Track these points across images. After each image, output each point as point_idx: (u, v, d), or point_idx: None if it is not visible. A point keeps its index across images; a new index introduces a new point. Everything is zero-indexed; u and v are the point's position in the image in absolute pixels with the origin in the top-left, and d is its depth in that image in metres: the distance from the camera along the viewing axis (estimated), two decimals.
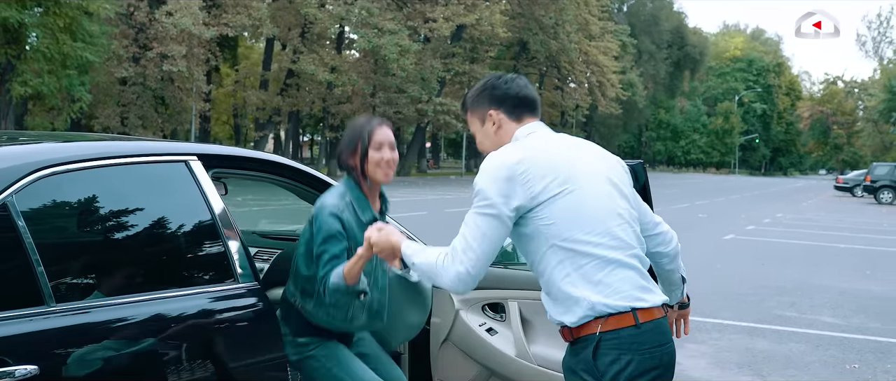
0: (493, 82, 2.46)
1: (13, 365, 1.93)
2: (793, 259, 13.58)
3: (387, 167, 2.82)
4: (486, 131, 2.46)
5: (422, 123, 47.21)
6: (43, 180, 2.15)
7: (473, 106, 2.50)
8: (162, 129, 38.66)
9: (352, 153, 2.83)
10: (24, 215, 2.07)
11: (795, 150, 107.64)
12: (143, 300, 2.30)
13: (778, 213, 26.58)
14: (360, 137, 2.83)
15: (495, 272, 3.43)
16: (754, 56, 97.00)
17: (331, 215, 2.69)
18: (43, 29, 28.07)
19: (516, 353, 3.26)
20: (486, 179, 2.23)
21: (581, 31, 55.10)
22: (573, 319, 2.21)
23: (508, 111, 2.41)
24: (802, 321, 8.13)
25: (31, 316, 2.03)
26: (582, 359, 2.20)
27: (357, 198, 2.79)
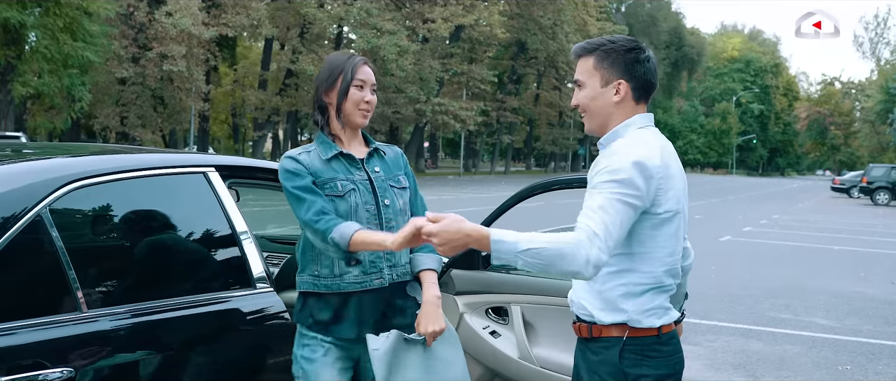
0: (637, 55, 2.27)
1: (50, 368, 2.05)
2: (788, 261, 13.72)
3: (366, 109, 2.62)
4: (603, 95, 2.29)
5: (420, 123, 47.34)
6: (74, 193, 2.28)
7: (605, 64, 2.28)
8: (161, 128, 38.77)
9: (329, 88, 2.61)
10: (56, 225, 2.19)
11: (793, 150, 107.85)
12: (167, 306, 2.43)
13: (774, 214, 26.72)
14: (343, 70, 2.60)
15: (498, 277, 3.56)
16: (752, 57, 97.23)
17: (286, 158, 2.55)
18: (43, 29, 28.14)
19: (519, 355, 3.39)
20: (637, 170, 2.12)
21: (579, 32, 55.22)
22: (607, 320, 2.25)
23: (636, 89, 2.28)
24: (797, 323, 8.27)
25: (65, 321, 2.16)
26: (605, 361, 2.24)
27: (321, 142, 2.61)
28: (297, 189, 2.48)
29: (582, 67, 2.32)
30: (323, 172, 2.53)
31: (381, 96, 42.77)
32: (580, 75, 2.33)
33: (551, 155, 74.41)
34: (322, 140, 2.61)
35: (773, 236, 18.59)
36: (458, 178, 48.07)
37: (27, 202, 2.15)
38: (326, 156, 2.56)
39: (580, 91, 2.33)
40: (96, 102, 35.20)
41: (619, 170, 2.12)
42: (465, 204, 23.62)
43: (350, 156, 2.61)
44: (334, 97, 2.59)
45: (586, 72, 2.30)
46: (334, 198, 2.51)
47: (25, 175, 2.26)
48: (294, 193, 2.49)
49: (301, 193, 2.48)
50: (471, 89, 51.05)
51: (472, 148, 62.69)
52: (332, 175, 2.53)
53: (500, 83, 58.27)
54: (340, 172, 2.56)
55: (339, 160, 2.58)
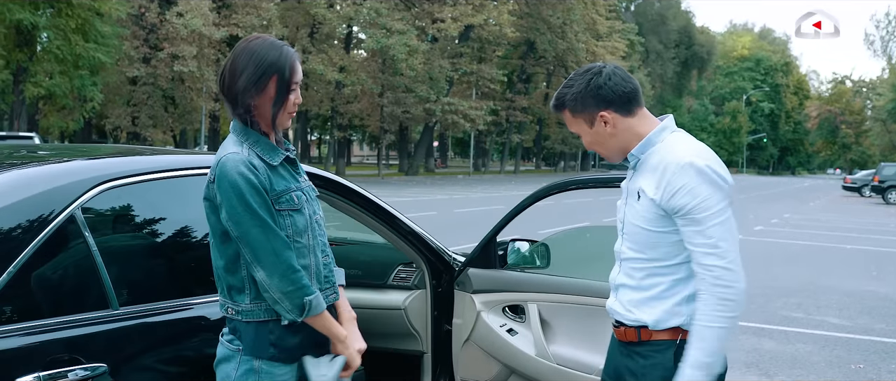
0: (596, 81, 2.30)
1: (85, 363, 2.12)
2: (800, 260, 13.71)
3: (295, 111, 2.28)
4: (597, 133, 2.34)
5: (430, 123, 47.41)
6: (105, 193, 2.34)
7: (577, 109, 2.34)
8: (172, 128, 38.96)
9: (258, 91, 2.17)
10: (89, 224, 2.25)
11: (803, 149, 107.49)
12: (195, 303, 2.48)
13: (785, 213, 26.67)
14: (277, 71, 2.18)
15: (514, 276, 3.61)
16: (762, 55, 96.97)
17: (242, 163, 2.11)
18: (55, 30, 28.33)
19: (536, 352, 3.43)
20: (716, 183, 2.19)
21: (588, 31, 55.25)
22: (662, 326, 2.28)
23: (620, 109, 2.31)
24: (809, 322, 8.28)
25: (99, 318, 2.23)
26: (658, 364, 2.27)
27: (256, 141, 2.19)
28: (264, 211, 2.11)
29: (566, 120, 2.40)
30: (276, 183, 2.17)
31: (390, 96, 43.01)
32: (570, 128, 2.40)
33: (561, 154, 74.37)
34: (257, 139, 2.19)
35: (785, 235, 18.57)
36: (468, 177, 48.11)
37: (61, 203, 2.21)
38: (274, 161, 2.19)
39: (583, 140, 2.40)
40: (108, 102, 35.42)
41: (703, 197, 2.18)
42: (475, 204, 23.67)
43: (294, 161, 2.30)
44: (267, 105, 2.19)
45: (573, 123, 2.38)
46: (292, 213, 2.18)
47: (58, 176, 2.32)
48: (262, 216, 2.09)
49: (268, 217, 2.11)
50: (480, 89, 51.09)
51: (481, 147, 62.70)
52: (285, 186, 2.19)
53: (509, 83, 58.28)
54: (290, 180, 2.24)
55: (283, 166, 2.24)
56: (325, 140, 65.32)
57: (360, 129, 62.53)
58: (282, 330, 2.18)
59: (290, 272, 2.12)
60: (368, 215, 3.38)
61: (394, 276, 3.99)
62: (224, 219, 2.12)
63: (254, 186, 2.10)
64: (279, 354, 2.18)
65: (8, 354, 2.03)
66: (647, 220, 2.27)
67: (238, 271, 2.17)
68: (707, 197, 2.17)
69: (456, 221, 17.04)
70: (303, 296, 2.13)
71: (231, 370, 2.20)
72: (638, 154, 2.33)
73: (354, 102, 45.50)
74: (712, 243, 2.17)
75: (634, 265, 2.34)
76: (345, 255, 4.15)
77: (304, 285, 2.14)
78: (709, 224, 2.17)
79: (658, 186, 2.23)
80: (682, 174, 2.18)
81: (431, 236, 3.66)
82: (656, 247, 2.28)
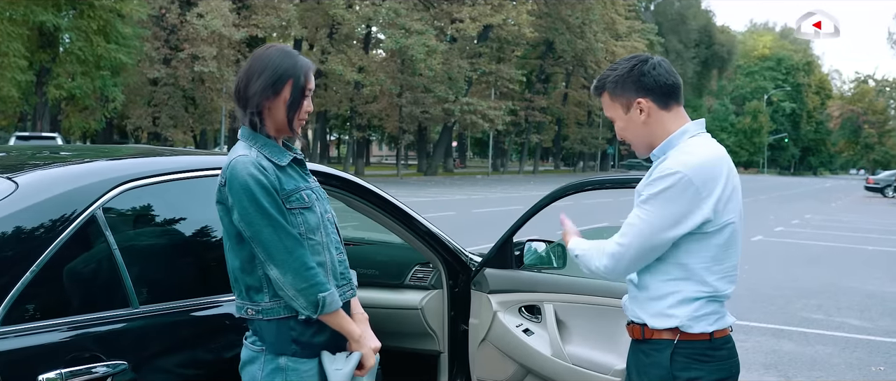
0: (640, 68, 2.33)
1: (106, 360, 2.15)
2: (821, 261, 13.61)
3: (306, 119, 2.34)
4: (631, 120, 2.35)
5: (448, 123, 47.43)
6: (125, 193, 2.37)
7: (616, 92, 2.35)
8: (192, 128, 39.23)
9: (272, 95, 2.24)
10: (110, 224, 2.29)
11: (825, 149, 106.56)
12: (216, 302, 2.51)
13: (807, 214, 26.47)
14: (293, 76, 2.25)
15: (531, 276, 3.62)
16: (783, 55, 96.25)
17: (252, 165, 2.16)
18: (77, 31, 28.62)
19: (552, 352, 3.44)
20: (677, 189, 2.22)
21: (607, 31, 55.06)
22: (656, 324, 2.31)
23: (658, 99, 2.32)
24: (829, 324, 8.22)
25: (120, 316, 2.26)
26: (656, 363, 2.30)
27: (264, 144, 2.24)
28: (275, 210, 2.15)
29: (603, 104, 2.41)
30: (285, 182, 2.22)
31: (409, 96, 43.06)
32: (606, 112, 2.42)
33: (580, 154, 74.16)
34: (265, 142, 2.24)
35: (806, 235, 18.43)
36: (487, 177, 48.10)
37: (82, 203, 2.24)
38: (282, 162, 2.24)
39: (616, 125, 2.41)
40: (129, 102, 35.75)
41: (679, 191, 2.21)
42: (494, 204, 23.66)
43: (301, 161, 2.33)
44: (280, 108, 2.25)
45: (608, 107, 2.39)
46: (303, 210, 2.23)
47: (80, 177, 2.36)
48: (274, 216, 2.14)
49: (279, 216, 2.15)
50: (499, 89, 51.05)
51: (500, 147, 62.65)
52: (294, 185, 2.24)
53: (528, 82, 58.19)
54: (299, 179, 2.28)
55: (292, 167, 2.28)
56: (343, 140, 65.52)
57: (379, 129, 62.68)
58: (302, 326, 2.22)
59: (303, 269, 2.15)
60: (385, 215, 3.40)
61: (411, 276, 4.01)
62: (236, 220, 2.16)
63: (264, 186, 2.14)
64: (302, 349, 2.22)
65: (31, 351, 2.06)
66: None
67: (254, 270, 2.20)
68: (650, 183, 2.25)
69: (474, 221, 17.05)
70: (317, 292, 2.16)
71: (256, 371, 2.23)
72: (658, 154, 2.34)
73: (373, 103, 45.64)
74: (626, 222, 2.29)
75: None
76: (362, 255, 4.18)
77: (318, 282, 2.17)
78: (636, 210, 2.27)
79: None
80: (658, 170, 2.27)
81: (448, 237, 3.68)
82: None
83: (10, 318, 2.04)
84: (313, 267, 2.18)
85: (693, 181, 2.20)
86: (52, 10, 27.53)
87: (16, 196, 2.16)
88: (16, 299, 2.06)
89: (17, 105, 29.19)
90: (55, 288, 2.18)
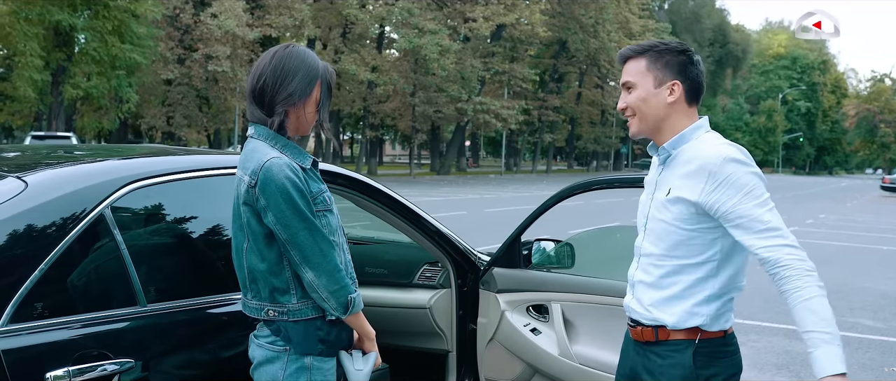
0: (691, 56, 2.32)
1: (114, 358, 2.17)
2: (835, 261, 13.52)
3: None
4: (657, 96, 2.29)
5: (461, 122, 47.45)
6: (133, 193, 2.39)
7: (657, 65, 2.30)
8: (206, 128, 39.40)
9: (308, 94, 2.26)
10: (118, 223, 2.31)
11: (841, 149, 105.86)
12: (221, 301, 2.53)
13: (821, 213, 26.32)
14: (320, 77, 2.29)
15: (539, 276, 3.62)
16: (798, 53, 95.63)
17: (288, 167, 2.16)
18: (92, 32, 28.81)
19: (559, 352, 3.44)
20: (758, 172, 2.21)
21: (621, 30, 54.89)
22: (681, 326, 2.27)
23: (689, 92, 2.31)
24: (842, 324, 8.16)
25: (127, 315, 2.28)
26: (677, 364, 2.27)
27: (286, 145, 2.25)
28: (310, 213, 2.17)
29: (632, 68, 2.31)
30: (311, 184, 2.23)
31: (422, 96, 43.10)
32: (631, 77, 2.31)
33: (593, 154, 74.01)
34: (287, 144, 2.25)
35: (820, 235, 18.32)
36: (500, 177, 48.07)
37: (91, 202, 2.26)
38: (305, 164, 2.25)
39: (631, 92, 2.32)
40: (143, 102, 35.94)
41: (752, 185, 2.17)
42: (506, 203, 23.64)
43: (316, 163, 2.36)
44: (311, 108, 2.28)
45: (638, 73, 2.30)
46: (326, 213, 2.24)
47: (88, 176, 2.38)
48: (308, 217, 2.15)
49: (315, 220, 2.18)
50: (512, 88, 51.01)
51: (513, 147, 62.59)
52: (318, 187, 2.25)
53: (541, 82, 58.12)
54: (319, 181, 2.30)
55: (312, 169, 2.30)
56: (357, 140, 65.62)
57: (392, 128, 62.75)
58: (328, 326, 2.26)
59: (335, 271, 2.19)
60: (394, 215, 3.40)
61: (419, 275, 4.01)
62: (271, 222, 2.16)
63: (300, 189, 2.16)
64: (327, 349, 2.27)
65: (39, 348, 2.08)
66: (676, 216, 2.25)
67: (282, 272, 2.21)
68: (754, 186, 2.17)
69: (486, 220, 17.03)
70: (347, 294, 2.21)
71: (277, 370, 2.24)
72: (670, 149, 2.31)
73: (386, 102, 45.71)
74: (773, 226, 2.14)
75: (654, 262, 2.32)
76: (371, 254, 4.19)
77: (347, 284, 2.22)
78: (763, 210, 2.15)
79: (696, 183, 2.21)
80: (724, 167, 2.18)
81: (457, 236, 3.68)
82: (682, 245, 2.26)
83: (18, 316, 2.06)
84: (342, 269, 2.22)
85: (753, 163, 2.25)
86: (68, 10, 27.73)
87: (25, 195, 2.18)
88: (24, 297, 2.08)
89: (32, 105, 29.43)
90: (63, 286, 2.20)
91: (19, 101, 29.16)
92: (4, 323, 2.04)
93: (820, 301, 2.08)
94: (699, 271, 2.26)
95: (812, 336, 2.06)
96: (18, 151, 3.25)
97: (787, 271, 2.11)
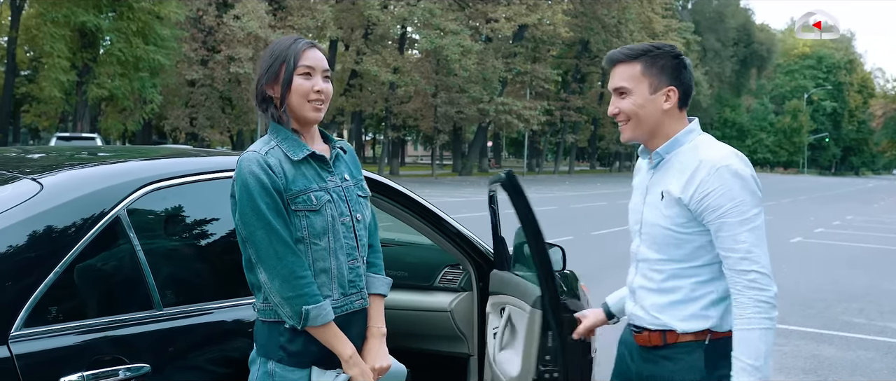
0: (683, 61, 2.30)
1: (129, 363, 2.13)
2: (862, 263, 13.33)
3: (318, 100, 2.20)
4: (653, 102, 2.27)
5: (483, 123, 47.37)
6: (149, 195, 2.35)
7: (652, 70, 2.27)
8: (228, 129, 39.63)
9: (272, 80, 2.20)
10: (134, 225, 2.27)
11: (867, 149, 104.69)
12: (237, 305, 2.48)
13: (848, 215, 25.99)
14: (285, 58, 2.19)
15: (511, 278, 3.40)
16: (824, 53, 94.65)
17: (255, 160, 2.12)
18: (117, 33, 29.10)
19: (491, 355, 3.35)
20: (751, 187, 2.18)
21: (644, 30, 54.55)
22: (687, 327, 2.26)
23: (682, 96, 2.30)
24: (871, 328, 8.03)
25: (143, 319, 2.24)
26: (689, 366, 2.25)
27: (285, 138, 2.18)
28: (272, 213, 2.08)
29: (625, 73, 2.29)
30: (295, 181, 2.13)
31: (444, 96, 43.03)
32: (624, 82, 2.28)
33: (616, 154, 73.64)
34: (286, 136, 2.18)
35: (847, 237, 18.08)
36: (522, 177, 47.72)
37: (106, 204, 2.23)
38: (296, 157, 2.16)
39: (624, 98, 2.30)
40: (166, 103, 36.22)
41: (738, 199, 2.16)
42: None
43: (322, 158, 2.22)
44: (278, 90, 2.20)
45: (632, 78, 2.27)
46: (308, 213, 2.13)
47: (104, 178, 2.34)
48: (268, 218, 2.08)
49: (275, 219, 2.09)
50: (534, 89, 50.87)
51: (535, 147, 62.41)
52: (303, 185, 2.14)
53: (563, 82, 57.90)
54: (312, 179, 2.17)
55: (309, 163, 2.19)
56: (378, 140, 65.73)
57: (414, 129, 62.82)
58: (290, 333, 2.14)
59: (291, 277, 2.08)
60: (414, 217, 3.35)
61: (440, 278, 3.96)
62: (235, 219, 2.15)
63: (264, 186, 2.09)
64: (288, 358, 2.14)
65: (53, 353, 2.05)
66: (671, 220, 2.24)
67: (253, 268, 2.15)
68: (741, 201, 2.16)
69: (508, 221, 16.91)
70: (302, 304, 2.09)
71: (254, 371, 2.20)
72: (663, 153, 2.30)
73: (408, 103, 45.72)
74: (746, 249, 2.14)
75: (655, 267, 2.31)
76: (391, 256, 4.11)
77: (305, 293, 2.09)
78: (742, 229, 2.15)
79: (688, 187, 2.20)
80: (716, 177, 2.17)
81: (478, 238, 3.63)
82: (680, 248, 2.25)
83: (33, 320, 2.03)
84: (304, 276, 2.10)
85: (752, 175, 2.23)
86: (93, 12, 28.01)
87: (40, 197, 2.15)
88: (39, 301, 2.04)
89: (58, 105, 29.75)
90: (78, 290, 2.17)
91: (45, 102, 29.50)
92: (18, 327, 2.01)
93: (759, 334, 2.12)
94: (701, 275, 2.25)
95: (738, 362, 2.14)
96: (42, 153, 3.23)
97: (741, 297, 2.15)
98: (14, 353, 1.97)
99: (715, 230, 2.18)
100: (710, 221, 2.17)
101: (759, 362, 2.11)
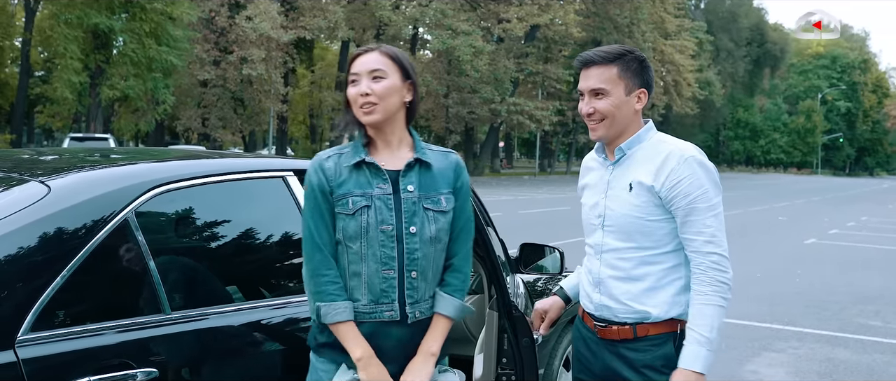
0: (648, 65, 2.44)
1: (135, 368, 2.11)
2: (877, 265, 13.21)
3: (366, 102, 2.22)
4: (627, 103, 2.38)
5: (495, 124, 47.32)
6: (158, 197, 2.33)
7: (627, 73, 2.38)
8: (241, 129, 39.75)
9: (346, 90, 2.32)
10: (142, 228, 2.25)
11: (882, 149, 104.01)
12: (245, 308, 2.46)
13: (863, 216, 25.80)
14: (347, 72, 2.32)
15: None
16: (838, 53, 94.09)
17: (314, 162, 2.27)
18: (130, 34, 29.22)
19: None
20: (714, 178, 2.35)
21: (656, 30, 54.35)
22: (661, 315, 2.36)
23: (647, 98, 2.44)
24: (887, 331, 7.95)
25: (151, 323, 2.22)
26: (661, 356, 2.35)
27: (354, 143, 2.29)
28: (314, 213, 2.22)
29: (602, 75, 2.37)
30: (341, 185, 2.21)
31: (456, 97, 43.03)
32: (603, 84, 2.37)
33: None
34: (356, 141, 2.29)
35: (861, 238, 17.94)
36: (534, 178, 47.86)
37: (114, 207, 2.21)
38: (349, 162, 2.23)
39: (601, 99, 2.38)
40: (179, 104, 36.34)
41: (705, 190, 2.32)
42: (540, 205, 23.49)
43: (374, 165, 2.23)
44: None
45: (610, 80, 2.37)
46: (344, 216, 2.19)
47: (112, 180, 2.32)
48: (307, 218, 2.23)
49: (314, 219, 2.21)
50: (546, 89, 50.77)
51: (547, 148, 62.28)
52: (347, 190, 2.20)
53: (575, 82, 57.64)
54: (359, 184, 2.21)
55: (361, 170, 2.23)
56: None
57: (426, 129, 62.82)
58: (316, 327, 2.27)
59: (314, 275, 2.21)
60: None
61: None
62: None
63: (312, 187, 2.22)
64: (319, 349, 2.26)
65: (60, 358, 2.02)
66: (641, 209, 2.35)
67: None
68: (708, 189, 2.31)
69: (520, 222, 16.91)
70: (316, 300, 2.20)
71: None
72: (626, 149, 2.42)
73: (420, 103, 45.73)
74: (711, 233, 2.30)
75: (623, 256, 2.39)
76: None
77: (321, 291, 2.19)
78: (709, 215, 2.31)
79: (659, 175, 2.33)
80: (685, 166, 2.31)
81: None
82: (648, 236, 2.36)
83: (39, 324, 2.00)
84: (325, 275, 2.19)
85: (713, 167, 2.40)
86: (106, 13, 28.14)
87: (47, 200, 2.13)
88: (45, 305, 2.02)
89: (71, 106, 29.90)
90: (85, 294, 2.15)
91: (58, 102, 29.63)
92: (25, 332, 1.98)
93: (714, 310, 2.28)
94: (668, 261, 2.37)
95: (692, 333, 2.28)
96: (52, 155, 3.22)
97: (703, 276, 2.30)
98: (20, 358, 1.95)
99: (684, 216, 2.32)
100: (680, 207, 2.31)
101: (712, 334, 2.26)
